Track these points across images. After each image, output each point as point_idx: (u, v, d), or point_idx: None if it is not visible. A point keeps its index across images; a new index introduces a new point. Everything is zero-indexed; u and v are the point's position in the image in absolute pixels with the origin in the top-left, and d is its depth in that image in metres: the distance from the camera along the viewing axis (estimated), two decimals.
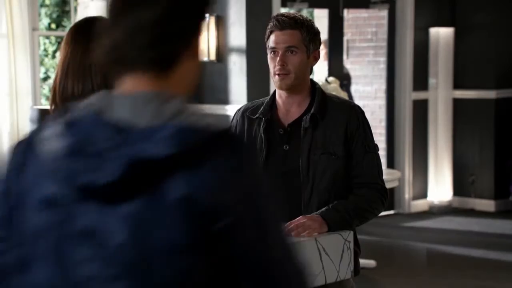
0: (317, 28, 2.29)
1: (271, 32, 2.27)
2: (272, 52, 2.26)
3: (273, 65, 2.27)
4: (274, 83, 2.30)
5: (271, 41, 2.26)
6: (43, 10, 7.87)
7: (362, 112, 2.27)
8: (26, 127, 4.78)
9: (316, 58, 2.29)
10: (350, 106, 2.27)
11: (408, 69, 6.46)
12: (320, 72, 7.16)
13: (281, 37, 2.23)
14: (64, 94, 1.56)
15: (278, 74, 2.24)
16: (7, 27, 4.75)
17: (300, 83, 2.26)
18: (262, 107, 2.32)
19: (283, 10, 6.59)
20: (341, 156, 2.19)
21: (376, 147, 2.28)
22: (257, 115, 2.31)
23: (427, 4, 6.49)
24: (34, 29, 4.91)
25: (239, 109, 2.40)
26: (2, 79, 4.77)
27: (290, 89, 2.26)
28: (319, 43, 2.29)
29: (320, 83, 5.40)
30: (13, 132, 4.79)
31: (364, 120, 2.25)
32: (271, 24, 2.27)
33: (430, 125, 6.62)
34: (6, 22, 4.74)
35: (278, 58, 2.24)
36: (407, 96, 6.48)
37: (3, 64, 4.77)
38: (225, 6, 5.47)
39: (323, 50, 7.04)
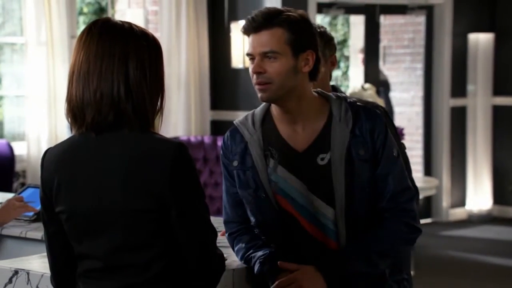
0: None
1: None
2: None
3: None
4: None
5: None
6: (81, 18, 7.98)
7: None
8: (64, 134, 4.85)
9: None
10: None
11: (446, 75, 6.37)
12: (356, 79, 7.11)
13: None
14: (71, 104, 1.56)
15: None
16: (46, 35, 4.82)
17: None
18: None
19: (319, 17, 6.56)
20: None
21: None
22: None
23: (466, 9, 6.40)
24: (72, 36, 4.98)
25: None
26: (41, 86, 4.85)
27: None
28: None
29: (356, 90, 5.38)
30: (51, 138, 4.86)
31: None
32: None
33: (468, 132, 6.51)
34: (45, 30, 4.82)
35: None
36: (445, 102, 6.39)
37: (42, 71, 4.85)
38: None
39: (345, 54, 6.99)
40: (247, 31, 1.80)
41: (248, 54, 1.83)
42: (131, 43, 1.54)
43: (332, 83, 2.26)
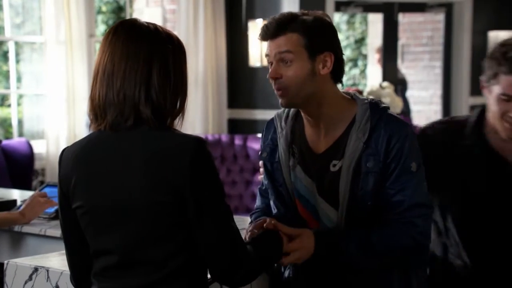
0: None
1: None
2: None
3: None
4: None
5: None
6: (99, 17, 8.02)
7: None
8: (82, 132, 4.88)
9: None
10: None
11: (465, 73, 6.32)
12: (374, 77, 7.08)
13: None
14: (93, 102, 1.57)
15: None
16: (65, 33, 4.85)
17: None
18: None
19: (336, 15, 6.54)
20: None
21: None
22: None
23: (486, 7, 6.34)
24: (91, 35, 5.01)
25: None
26: (60, 85, 4.88)
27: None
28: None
29: (374, 88, 5.36)
30: (70, 136, 4.89)
31: None
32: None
33: None
34: (64, 29, 4.85)
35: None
36: (464, 101, 6.34)
37: (61, 70, 4.88)
38: (278, 11, 5.47)
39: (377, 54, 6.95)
40: (263, 38, 1.79)
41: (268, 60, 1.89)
42: (156, 45, 1.55)
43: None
